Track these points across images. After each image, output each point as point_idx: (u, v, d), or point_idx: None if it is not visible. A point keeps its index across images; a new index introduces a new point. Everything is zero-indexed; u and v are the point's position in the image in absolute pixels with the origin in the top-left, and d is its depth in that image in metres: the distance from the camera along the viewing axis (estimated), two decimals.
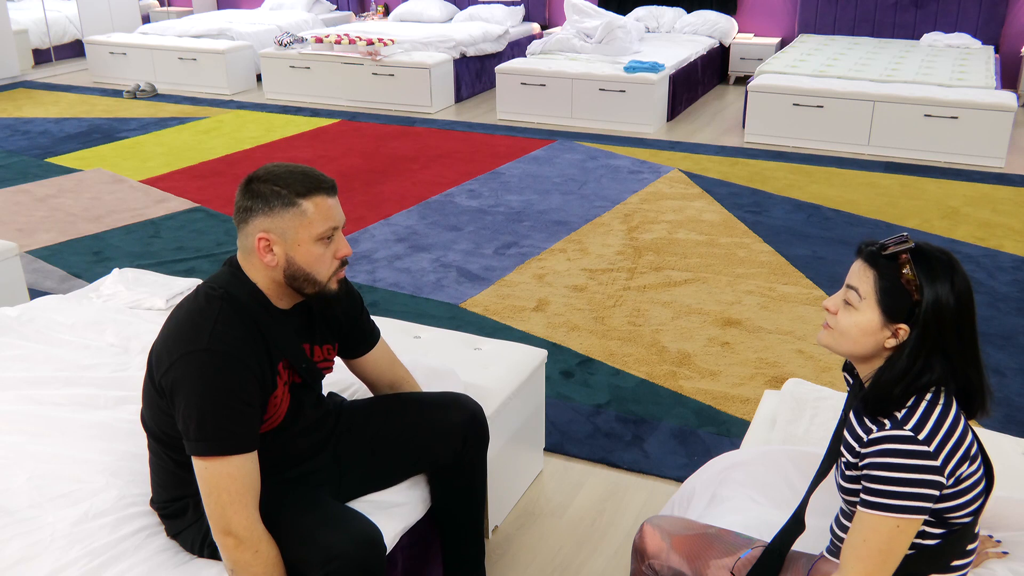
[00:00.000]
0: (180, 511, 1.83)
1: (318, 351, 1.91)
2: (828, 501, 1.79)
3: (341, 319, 1.96)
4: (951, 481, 1.47)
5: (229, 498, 1.65)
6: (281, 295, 1.79)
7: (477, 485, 2.14)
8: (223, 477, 1.64)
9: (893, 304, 1.48)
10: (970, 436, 1.52)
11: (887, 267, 1.49)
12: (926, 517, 1.48)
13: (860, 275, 1.52)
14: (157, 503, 1.87)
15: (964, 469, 1.49)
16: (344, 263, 1.80)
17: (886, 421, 1.48)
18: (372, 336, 2.07)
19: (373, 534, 1.74)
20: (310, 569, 1.67)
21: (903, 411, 1.48)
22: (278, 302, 1.79)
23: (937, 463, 1.44)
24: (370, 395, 2.22)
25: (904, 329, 1.48)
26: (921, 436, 1.45)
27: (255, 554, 1.66)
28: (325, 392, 2.24)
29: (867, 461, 1.48)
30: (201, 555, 1.82)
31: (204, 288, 1.77)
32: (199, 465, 1.66)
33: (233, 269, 1.79)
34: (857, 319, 1.51)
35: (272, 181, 1.72)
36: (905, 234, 1.52)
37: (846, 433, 1.58)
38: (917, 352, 1.47)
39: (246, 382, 1.67)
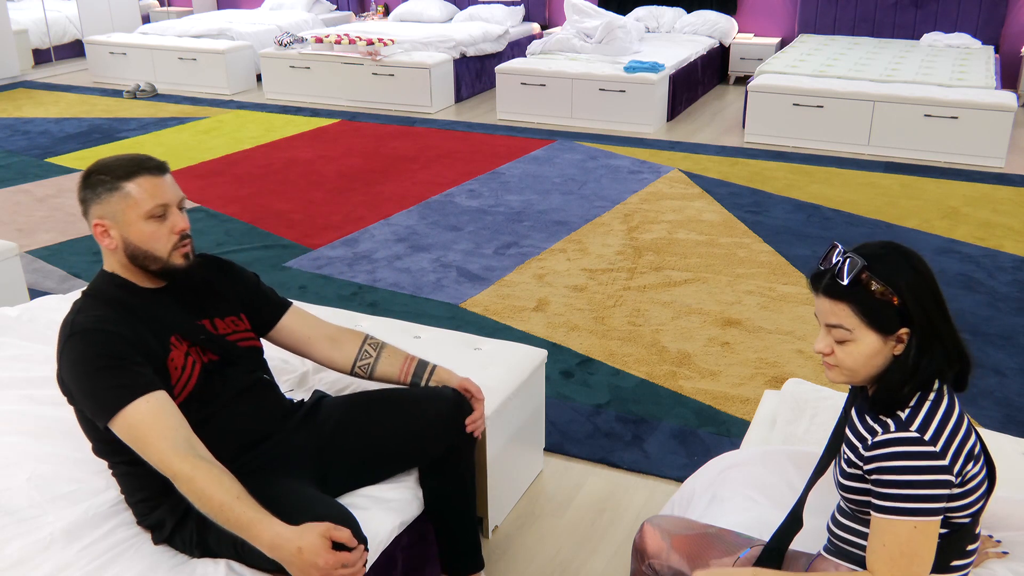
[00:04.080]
0: (159, 519, 1.82)
1: (220, 324, 1.96)
2: (827, 500, 1.79)
3: (229, 292, 2.01)
4: (958, 480, 1.47)
5: (143, 444, 1.67)
6: (142, 276, 1.87)
7: (467, 475, 2.14)
8: (135, 426, 1.67)
9: (883, 320, 1.47)
10: (973, 436, 1.52)
11: (854, 293, 1.47)
12: (943, 517, 1.48)
13: (834, 312, 1.49)
14: (137, 515, 1.87)
15: (969, 469, 1.49)
16: (184, 237, 1.86)
17: (890, 422, 1.48)
18: (278, 303, 2.12)
19: (346, 517, 1.71)
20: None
21: (907, 411, 1.48)
22: (145, 283, 1.87)
23: (945, 462, 1.44)
24: (354, 391, 2.22)
25: (906, 331, 1.48)
26: (927, 436, 1.45)
27: (189, 480, 1.64)
28: (310, 391, 2.25)
29: (874, 465, 1.47)
30: (193, 555, 1.81)
31: (84, 291, 1.88)
32: (115, 430, 1.70)
33: (98, 273, 1.89)
34: (859, 349, 1.49)
35: (99, 171, 1.82)
36: (840, 248, 1.50)
37: (848, 432, 1.58)
38: (922, 344, 1.47)
39: (115, 343, 1.73)
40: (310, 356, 2.15)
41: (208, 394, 1.86)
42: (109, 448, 1.81)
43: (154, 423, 1.67)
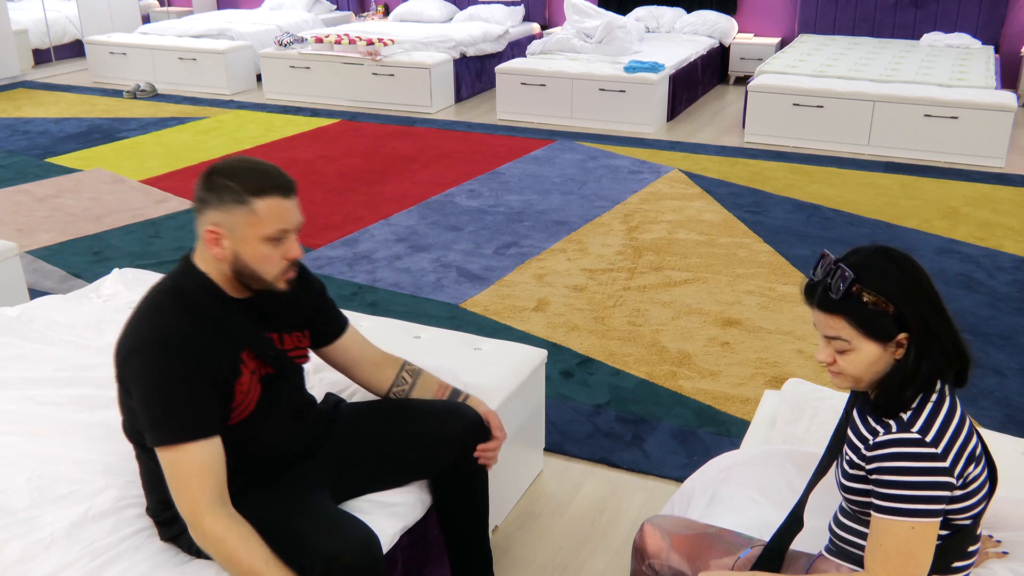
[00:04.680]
0: (172, 518, 1.82)
1: (287, 339, 1.92)
2: (827, 500, 1.80)
3: (302, 306, 1.96)
4: (960, 482, 1.47)
5: (177, 484, 1.66)
6: (234, 285, 1.80)
7: (479, 492, 2.14)
8: (183, 465, 1.66)
9: (879, 329, 1.47)
10: (975, 437, 1.52)
11: (848, 306, 1.47)
12: (942, 519, 1.48)
13: (830, 325, 1.50)
14: (150, 509, 1.87)
15: (970, 470, 1.49)
16: (294, 264, 1.80)
17: (892, 423, 1.48)
18: (339, 322, 2.07)
19: (370, 539, 1.74)
20: (308, 573, 1.67)
21: (909, 413, 1.48)
22: (232, 292, 1.80)
23: (946, 464, 1.44)
24: (369, 398, 2.21)
25: (905, 336, 1.48)
26: (929, 438, 1.45)
27: (219, 540, 1.64)
28: (323, 392, 2.24)
29: (876, 465, 1.47)
30: (199, 556, 1.81)
31: (156, 284, 1.80)
32: (160, 456, 1.68)
33: (186, 264, 1.81)
34: (860, 358, 1.50)
35: (229, 175, 1.72)
36: (830, 259, 1.50)
37: (850, 433, 1.58)
38: (921, 348, 1.47)
39: (192, 368, 1.68)
40: (351, 377, 2.14)
41: (259, 411, 1.83)
42: (145, 444, 1.77)
43: (200, 472, 1.66)
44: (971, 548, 1.58)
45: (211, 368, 1.71)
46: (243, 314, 1.81)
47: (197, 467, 1.66)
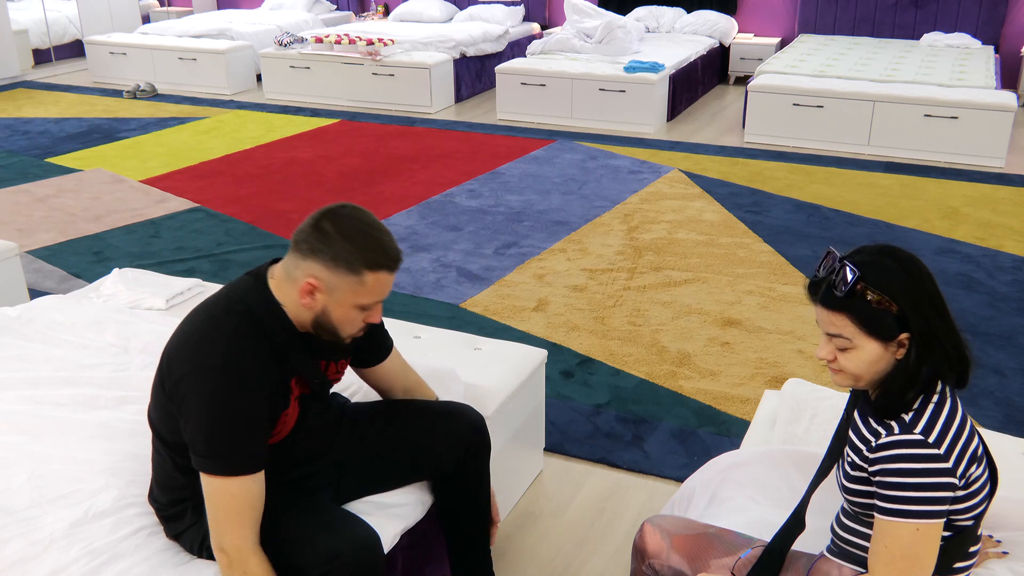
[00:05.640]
0: (179, 514, 1.83)
1: (332, 366, 1.92)
2: (828, 501, 1.79)
3: (358, 340, 1.95)
4: (962, 483, 1.47)
5: (227, 516, 1.65)
6: (302, 321, 1.78)
7: (481, 493, 2.14)
8: (225, 495, 1.65)
9: (882, 328, 1.47)
10: (976, 438, 1.52)
11: (851, 304, 1.47)
12: (945, 520, 1.48)
13: (833, 322, 1.50)
14: (157, 503, 1.87)
15: (972, 471, 1.49)
16: (367, 327, 1.80)
17: (894, 424, 1.48)
18: (386, 348, 2.06)
19: (372, 538, 1.74)
20: (309, 570, 1.67)
21: (910, 414, 1.48)
22: (298, 324, 1.78)
23: (949, 465, 1.44)
24: (371, 397, 2.21)
25: (906, 336, 1.48)
26: (931, 439, 1.45)
27: (243, 574, 1.65)
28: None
29: (879, 467, 1.47)
30: (200, 556, 1.82)
31: (225, 298, 1.75)
32: (203, 480, 1.66)
33: (258, 283, 1.76)
34: (861, 356, 1.50)
35: (347, 236, 1.67)
36: (835, 256, 1.51)
37: (852, 434, 1.57)
38: (922, 349, 1.47)
39: (257, 402, 1.67)
40: (378, 393, 2.15)
41: (293, 433, 1.84)
42: (172, 445, 1.76)
43: (240, 506, 1.65)
44: (972, 548, 1.58)
45: (271, 401, 1.71)
46: (303, 346, 1.80)
47: (246, 501, 1.65)
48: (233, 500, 1.65)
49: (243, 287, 1.76)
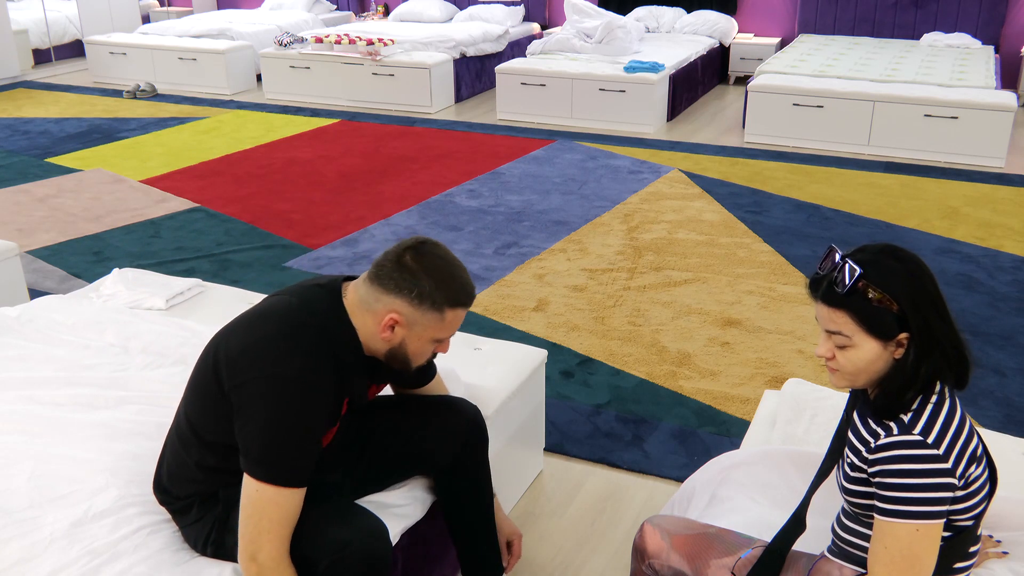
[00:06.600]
0: (186, 508, 1.84)
1: (375, 388, 1.96)
2: (829, 501, 1.80)
3: None
4: (961, 483, 1.47)
5: (267, 526, 1.65)
6: (373, 349, 1.80)
7: (483, 485, 2.15)
8: (270, 504, 1.64)
9: (882, 327, 1.47)
10: (975, 438, 1.52)
11: (852, 302, 1.48)
12: (945, 520, 1.48)
13: (833, 319, 1.50)
14: (166, 494, 1.87)
15: (971, 471, 1.49)
16: (434, 355, 1.85)
17: (893, 425, 1.48)
18: (433, 370, 2.10)
19: (379, 527, 1.76)
20: (318, 559, 1.68)
21: (909, 414, 1.48)
22: (367, 350, 1.80)
23: (948, 465, 1.44)
24: None
25: (905, 336, 1.48)
26: (930, 440, 1.45)
27: None
28: None
29: (878, 468, 1.47)
30: (204, 553, 1.82)
31: (298, 309, 1.75)
32: (249, 485, 1.66)
33: (335, 302, 1.77)
34: (859, 355, 1.50)
35: (435, 277, 1.74)
36: (838, 253, 1.51)
37: (851, 435, 1.57)
38: (921, 349, 1.47)
39: (319, 419, 1.69)
40: None
41: (328, 448, 1.86)
42: (207, 443, 1.76)
43: (282, 517, 1.66)
44: (972, 549, 1.58)
45: (329, 415, 1.73)
46: (364, 369, 1.82)
47: (288, 513, 1.66)
48: (277, 510, 1.65)
49: (318, 300, 1.77)
